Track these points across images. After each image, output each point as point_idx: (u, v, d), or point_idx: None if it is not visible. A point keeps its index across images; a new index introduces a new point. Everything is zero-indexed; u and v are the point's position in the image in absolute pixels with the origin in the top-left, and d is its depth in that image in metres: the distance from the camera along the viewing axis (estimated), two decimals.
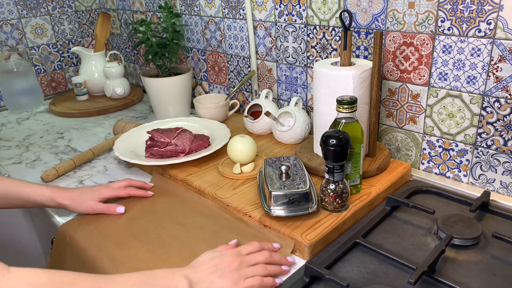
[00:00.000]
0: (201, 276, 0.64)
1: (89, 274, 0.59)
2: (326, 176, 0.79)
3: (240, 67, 1.33)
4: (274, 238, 0.76)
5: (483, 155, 0.89)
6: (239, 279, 0.65)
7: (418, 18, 0.89)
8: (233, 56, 1.34)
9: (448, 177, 0.96)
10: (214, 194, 0.89)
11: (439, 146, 0.95)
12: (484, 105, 0.85)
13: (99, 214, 0.87)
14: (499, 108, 0.84)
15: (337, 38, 1.04)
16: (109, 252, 0.76)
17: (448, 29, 0.85)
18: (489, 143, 0.87)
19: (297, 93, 1.20)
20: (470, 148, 0.90)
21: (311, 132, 1.13)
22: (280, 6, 1.13)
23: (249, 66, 1.30)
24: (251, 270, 0.67)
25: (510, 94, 0.81)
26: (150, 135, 1.05)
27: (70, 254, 0.82)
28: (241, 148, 0.96)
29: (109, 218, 0.86)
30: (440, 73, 0.89)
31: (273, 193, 0.77)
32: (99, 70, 1.63)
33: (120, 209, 0.87)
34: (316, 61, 1.11)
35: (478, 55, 0.83)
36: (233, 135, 1.01)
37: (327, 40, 1.06)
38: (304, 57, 1.13)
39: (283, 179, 0.81)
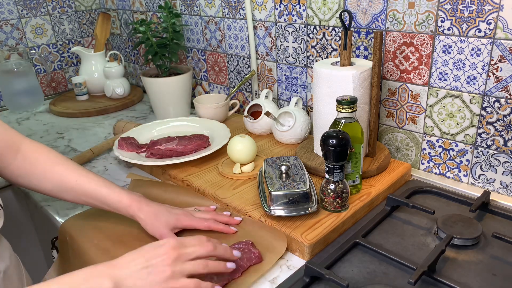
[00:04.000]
0: (128, 273, 0.57)
1: None
2: (326, 176, 0.79)
3: (240, 67, 1.33)
4: (267, 235, 0.76)
5: (483, 155, 0.89)
6: (172, 276, 0.57)
7: (418, 18, 0.89)
8: (233, 56, 1.34)
9: (448, 177, 0.96)
10: (214, 194, 0.89)
11: (439, 146, 0.95)
12: (484, 105, 0.85)
13: (102, 213, 0.86)
14: (499, 108, 0.84)
15: (337, 38, 1.04)
16: (108, 252, 0.76)
17: (448, 29, 0.85)
18: (489, 143, 0.87)
19: (297, 93, 1.20)
20: (470, 148, 0.90)
21: (311, 132, 1.13)
22: (280, 6, 1.13)
23: (249, 66, 1.30)
24: (188, 266, 0.59)
25: (510, 94, 0.81)
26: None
27: (72, 253, 0.82)
28: (241, 148, 0.96)
29: (109, 217, 0.86)
30: (440, 73, 0.89)
31: (273, 193, 0.77)
32: (99, 70, 1.63)
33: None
34: (316, 61, 1.11)
35: (478, 55, 0.83)
36: (233, 135, 1.01)
37: (327, 40, 1.06)
38: (304, 57, 1.13)
39: (283, 179, 0.81)
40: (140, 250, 0.60)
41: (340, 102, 0.80)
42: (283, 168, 0.82)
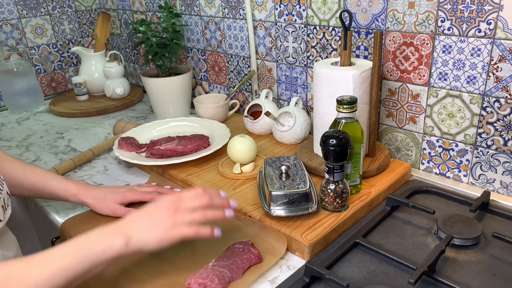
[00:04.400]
0: (136, 228, 0.62)
1: (20, 260, 0.56)
2: (326, 176, 0.79)
3: (240, 67, 1.33)
4: (267, 235, 0.76)
5: (483, 155, 0.89)
6: (173, 226, 0.63)
7: (418, 18, 0.89)
8: (233, 56, 1.34)
9: (448, 177, 0.96)
10: None
11: (439, 146, 0.95)
12: (484, 105, 0.85)
13: (100, 214, 0.87)
14: (499, 108, 0.84)
15: (337, 38, 1.04)
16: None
17: (448, 29, 0.85)
18: (489, 143, 0.87)
19: (297, 93, 1.20)
20: (470, 148, 0.90)
21: (311, 132, 1.13)
22: (280, 6, 1.13)
23: (249, 66, 1.30)
24: (187, 216, 0.64)
25: (510, 94, 0.81)
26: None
27: None
28: (241, 148, 0.96)
29: (108, 217, 0.86)
30: (440, 73, 0.89)
31: (273, 193, 0.77)
32: (99, 70, 1.63)
33: None
34: (316, 61, 1.11)
35: (478, 55, 0.83)
36: (233, 135, 1.01)
37: (327, 40, 1.06)
38: (304, 57, 1.13)
39: (283, 179, 0.81)
40: (142, 209, 0.66)
41: (340, 102, 0.80)
42: (283, 168, 0.82)
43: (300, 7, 1.09)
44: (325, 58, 1.09)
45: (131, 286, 0.69)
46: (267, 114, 1.07)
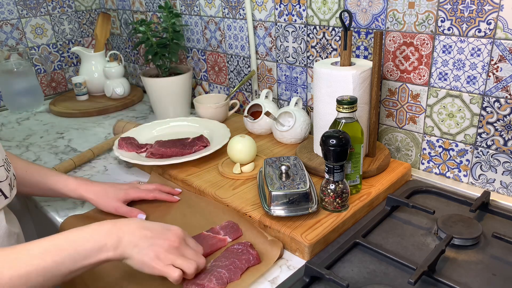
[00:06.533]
0: (131, 239, 0.61)
1: (3, 250, 0.55)
2: (326, 176, 0.79)
3: (240, 67, 1.33)
4: (261, 241, 0.76)
5: (483, 155, 0.89)
6: (165, 259, 0.62)
7: (418, 18, 0.89)
8: (233, 56, 1.34)
9: (448, 177, 0.96)
10: (214, 194, 0.89)
11: (439, 146, 0.95)
12: (484, 105, 0.85)
13: (101, 214, 0.87)
14: (499, 108, 0.84)
15: (337, 38, 1.04)
16: None
17: (448, 29, 0.85)
18: (489, 143, 0.87)
19: (297, 93, 1.20)
20: (470, 148, 0.90)
21: (311, 132, 1.13)
22: (280, 6, 1.13)
23: (249, 66, 1.30)
24: (179, 260, 0.63)
25: (510, 94, 0.81)
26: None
27: None
28: (241, 148, 0.96)
29: (108, 218, 0.86)
30: (440, 73, 0.89)
31: (273, 193, 0.77)
32: (99, 70, 1.63)
33: (141, 216, 0.85)
34: (316, 61, 1.11)
35: (478, 55, 0.83)
36: (233, 135, 1.01)
37: (327, 40, 1.06)
38: (304, 57, 1.13)
39: (283, 179, 0.81)
40: (151, 223, 0.65)
41: (340, 102, 0.80)
42: (283, 168, 0.82)
43: (300, 7, 1.09)
44: (325, 58, 1.09)
45: (131, 286, 0.69)
46: (267, 114, 1.07)
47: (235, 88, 1.27)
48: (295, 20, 1.11)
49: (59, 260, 0.55)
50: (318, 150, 0.98)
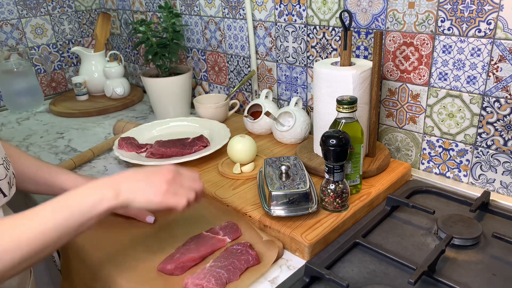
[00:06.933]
0: (128, 185, 0.63)
1: (11, 216, 0.58)
2: (326, 176, 0.79)
3: (240, 67, 1.33)
4: (261, 242, 0.76)
5: (483, 155, 0.89)
6: (166, 193, 0.64)
7: (418, 18, 0.89)
8: (233, 56, 1.34)
9: (448, 177, 0.96)
10: (214, 194, 0.89)
11: (439, 146, 0.95)
12: (484, 105, 0.85)
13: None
14: (499, 108, 0.84)
15: (337, 38, 1.04)
16: (107, 251, 0.77)
17: (448, 29, 0.85)
18: (489, 143, 0.87)
19: (297, 93, 1.20)
20: (470, 148, 0.90)
21: (311, 132, 1.13)
22: (280, 6, 1.13)
23: (249, 66, 1.30)
24: (181, 190, 0.66)
25: (510, 94, 0.81)
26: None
27: (71, 253, 0.83)
28: (241, 148, 0.96)
29: (108, 217, 0.85)
30: (440, 73, 0.89)
31: (273, 193, 0.77)
32: (99, 70, 1.63)
33: (150, 219, 0.84)
34: (316, 61, 1.11)
35: (478, 55, 0.83)
36: (233, 135, 1.01)
37: (327, 40, 1.06)
38: (304, 57, 1.13)
39: (283, 179, 0.81)
40: (141, 169, 0.68)
41: (340, 102, 0.80)
42: (283, 168, 0.82)
43: (300, 7, 1.09)
44: (325, 58, 1.09)
45: (130, 286, 0.69)
46: (267, 114, 1.07)
47: (235, 88, 1.27)
48: (295, 20, 1.11)
49: (67, 215, 0.59)
50: (318, 150, 0.98)
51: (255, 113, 1.21)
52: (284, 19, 1.14)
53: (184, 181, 0.68)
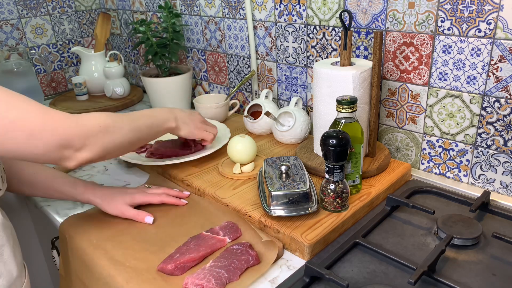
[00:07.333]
0: (181, 116, 0.92)
1: (125, 114, 0.80)
2: (326, 176, 0.79)
3: (240, 67, 1.33)
4: (259, 243, 0.76)
5: (483, 155, 0.89)
6: (201, 128, 0.97)
7: (418, 18, 0.89)
8: (233, 56, 1.34)
9: (448, 177, 0.96)
10: (214, 194, 0.89)
11: (439, 146, 0.95)
12: (484, 105, 0.85)
13: (101, 213, 0.87)
14: (499, 108, 0.84)
15: (337, 38, 1.04)
16: (106, 251, 0.76)
17: (448, 29, 0.85)
18: (489, 143, 0.87)
19: (297, 93, 1.20)
20: (470, 148, 0.90)
21: (311, 132, 1.13)
22: (280, 6, 1.13)
23: (249, 66, 1.30)
24: (209, 128, 0.99)
25: (510, 94, 0.81)
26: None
27: (71, 253, 0.82)
28: (241, 148, 0.96)
29: (107, 217, 0.86)
30: (440, 73, 0.89)
31: (273, 193, 0.77)
32: (99, 70, 1.63)
33: (149, 219, 0.84)
34: (316, 61, 1.11)
35: (478, 55, 0.83)
36: (233, 135, 1.01)
37: (327, 40, 1.06)
38: (304, 57, 1.13)
39: (283, 179, 0.81)
40: (182, 109, 0.95)
41: (340, 102, 0.80)
42: (283, 168, 0.82)
43: (300, 7, 1.09)
44: (325, 58, 1.09)
45: (130, 286, 0.69)
46: (267, 114, 1.07)
47: (235, 88, 1.27)
48: (295, 20, 1.11)
49: (148, 122, 0.84)
50: (318, 150, 0.98)
51: (255, 113, 1.21)
52: (284, 19, 1.14)
53: (208, 124, 0.99)
